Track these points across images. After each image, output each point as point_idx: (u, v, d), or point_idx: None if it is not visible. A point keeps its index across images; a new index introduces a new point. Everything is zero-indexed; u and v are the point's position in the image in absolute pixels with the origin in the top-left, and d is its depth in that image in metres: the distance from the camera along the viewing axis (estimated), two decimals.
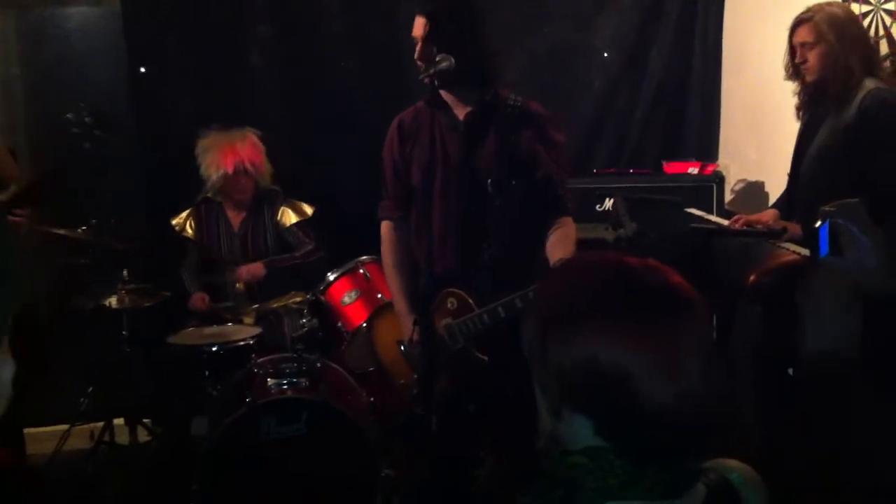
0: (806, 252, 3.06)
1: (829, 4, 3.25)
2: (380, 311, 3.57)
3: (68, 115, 3.34)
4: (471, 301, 2.84)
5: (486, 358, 2.82)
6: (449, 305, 2.88)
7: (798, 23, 3.27)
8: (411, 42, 2.91)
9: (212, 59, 4.62)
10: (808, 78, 3.26)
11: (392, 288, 3.10)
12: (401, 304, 3.04)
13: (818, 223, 3.01)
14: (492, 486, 3.00)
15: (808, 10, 3.25)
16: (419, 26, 2.84)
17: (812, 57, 3.21)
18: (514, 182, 2.80)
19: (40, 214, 3.30)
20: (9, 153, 3.33)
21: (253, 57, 4.67)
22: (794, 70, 3.33)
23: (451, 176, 2.89)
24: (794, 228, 3.25)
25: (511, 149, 2.84)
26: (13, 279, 0.78)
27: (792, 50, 3.30)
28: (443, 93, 2.91)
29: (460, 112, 2.91)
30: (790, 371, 3.24)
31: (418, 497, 3.47)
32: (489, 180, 2.79)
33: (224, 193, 4.24)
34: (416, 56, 2.86)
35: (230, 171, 4.11)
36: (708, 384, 1.11)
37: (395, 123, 3.05)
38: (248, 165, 4.14)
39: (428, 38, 2.81)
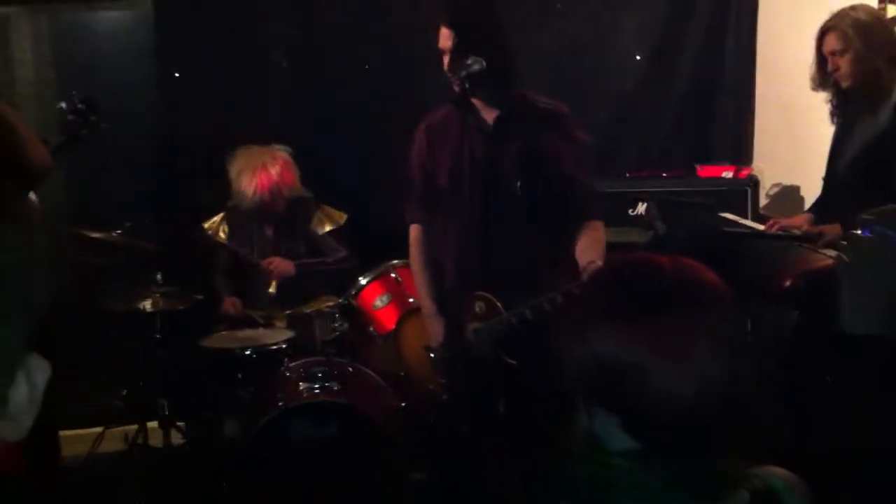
0: (843, 256, 3.02)
1: (853, 9, 3.23)
2: (407, 315, 3.56)
3: (61, 105, 3.34)
4: (498, 304, 2.82)
5: (514, 362, 2.80)
6: (477, 309, 2.87)
7: (825, 31, 3.25)
8: (434, 45, 2.90)
9: (240, 64, 4.66)
10: (843, 85, 3.24)
11: (420, 290, 3.10)
12: (428, 307, 3.04)
13: (858, 230, 2.97)
14: (514, 490, 2.98)
15: (834, 17, 3.24)
16: (445, 38, 2.83)
17: (843, 64, 3.19)
18: (541, 183, 2.78)
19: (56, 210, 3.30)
20: (41, 141, 3.34)
21: (280, 61, 4.70)
22: (822, 79, 3.31)
23: (479, 178, 2.88)
24: (833, 229, 3.21)
25: (538, 150, 2.83)
26: (39, 276, 0.77)
27: (821, 59, 3.28)
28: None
29: (488, 114, 2.91)
30: (828, 379, 3.19)
31: (445, 501, 3.45)
32: (518, 182, 2.78)
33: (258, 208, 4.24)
34: (445, 68, 2.84)
35: (267, 197, 4.09)
36: (732, 382, 1.10)
37: (423, 127, 3.05)
38: (284, 189, 4.13)
39: (456, 48, 2.80)
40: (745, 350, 1.16)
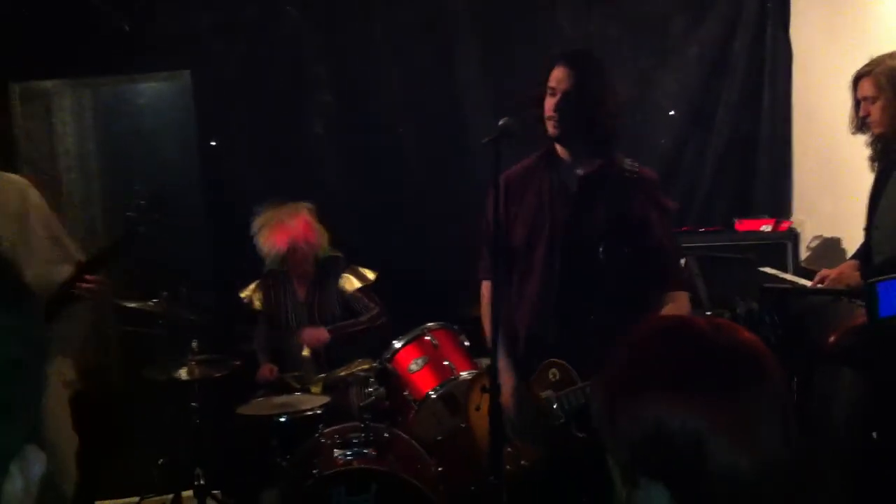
0: None
1: (890, 57, 3.22)
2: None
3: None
4: (574, 373, 2.68)
5: (583, 435, 2.64)
6: (551, 377, 2.73)
7: (859, 76, 3.26)
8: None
9: (276, 130, 4.72)
10: (875, 131, 3.23)
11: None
12: (502, 363, 2.80)
13: (880, 279, 2.88)
14: None
15: (869, 63, 3.24)
16: (563, 78, 2.67)
17: (875, 111, 3.19)
18: (626, 249, 2.64)
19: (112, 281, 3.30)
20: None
21: (316, 126, 4.74)
22: (860, 123, 3.29)
23: (558, 239, 2.73)
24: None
25: (624, 215, 2.69)
26: (40, 373, 0.75)
27: (857, 104, 3.27)
28: (559, 149, 2.78)
29: (574, 172, 2.78)
30: (874, 434, 3.08)
31: None
32: (601, 246, 2.65)
33: (285, 265, 4.27)
34: (553, 107, 2.68)
35: (284, 249, 4.15)
36: (787, 447, 1.04)
37: (502, 178, 2.73)
38: (301, 243, 4.15)
39: (569, 91, 2.66)
40: (796, 417, 1.09)
